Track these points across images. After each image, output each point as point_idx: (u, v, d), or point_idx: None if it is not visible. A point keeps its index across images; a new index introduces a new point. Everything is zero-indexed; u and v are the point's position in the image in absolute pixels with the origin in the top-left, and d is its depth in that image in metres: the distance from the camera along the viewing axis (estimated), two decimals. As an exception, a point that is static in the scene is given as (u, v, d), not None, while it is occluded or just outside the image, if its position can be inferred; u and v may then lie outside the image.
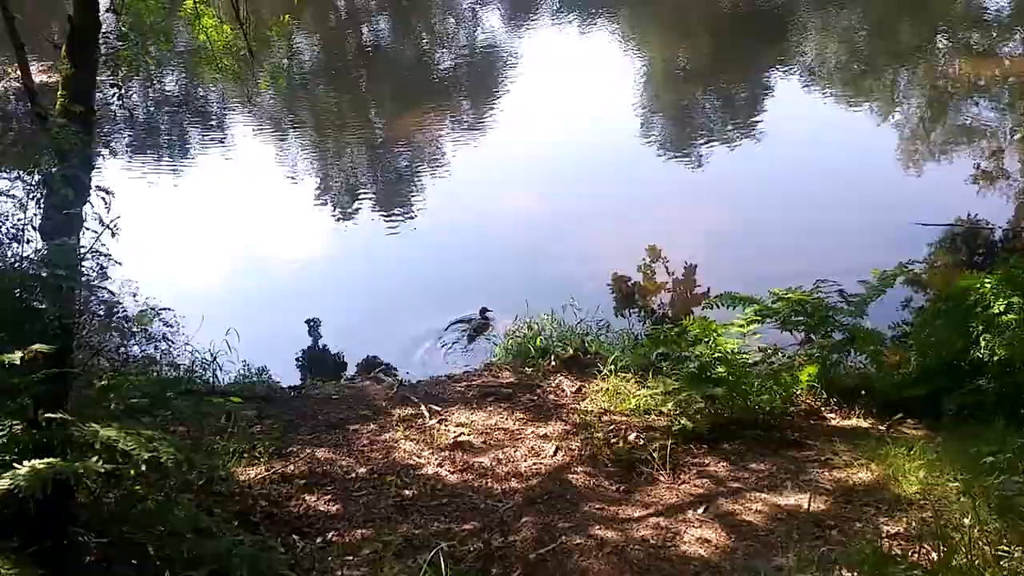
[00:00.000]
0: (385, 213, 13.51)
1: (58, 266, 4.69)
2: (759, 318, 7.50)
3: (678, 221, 12.65)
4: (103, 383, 5.12)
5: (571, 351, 8.52)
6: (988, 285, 6.96)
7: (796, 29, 20.77)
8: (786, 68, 18.12)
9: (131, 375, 6.22)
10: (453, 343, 10.40)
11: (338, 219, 13.56)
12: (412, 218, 13.23)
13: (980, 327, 6.85)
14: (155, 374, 7.60)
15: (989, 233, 12.16)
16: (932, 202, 12.70)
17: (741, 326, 7.37)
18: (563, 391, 7.90)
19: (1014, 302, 6.70)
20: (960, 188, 13.40)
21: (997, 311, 6.73)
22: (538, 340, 8.89)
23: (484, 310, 10.83)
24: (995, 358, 6.67)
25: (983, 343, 6.79)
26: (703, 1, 21.77)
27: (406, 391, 8.07)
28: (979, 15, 20.81)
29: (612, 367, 7.91)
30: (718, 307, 7.84)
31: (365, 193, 14.40)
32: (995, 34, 19.59)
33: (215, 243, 12.33)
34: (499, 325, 10.41)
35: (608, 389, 7.62)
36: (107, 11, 7.16)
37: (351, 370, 9.83)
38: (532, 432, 7.07)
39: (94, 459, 3.96)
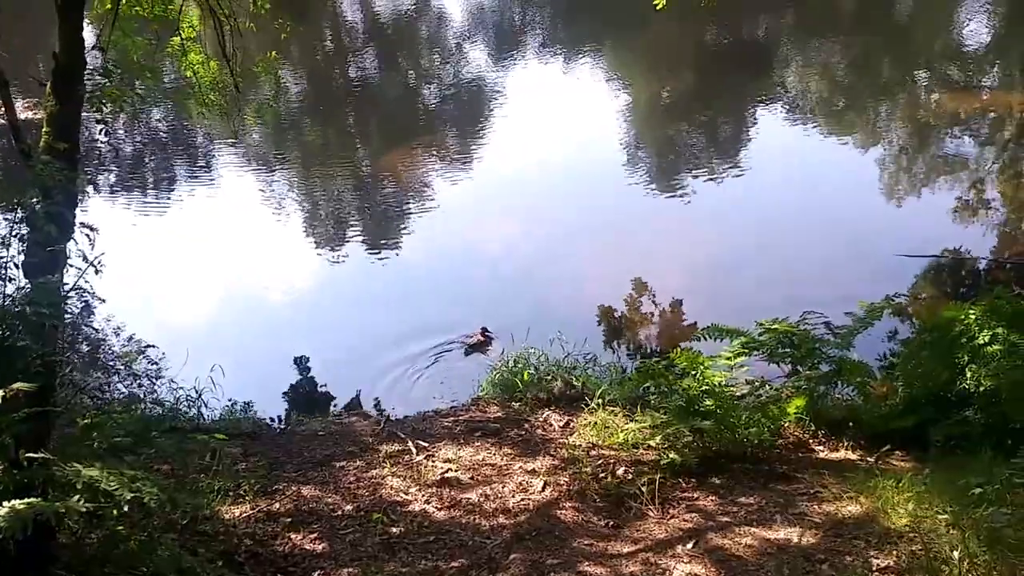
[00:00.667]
0: (372, 246, 13.51)
1: (41, 304, 4.65)
2: (746, 350, 7.50)
3: (664, 253, 12.71)
4: (86, 421, 5.06)
5: (559, 385, 8.49)
6: (973, 316, 6.99)
7: (779, 63, 21.03)
8: (770, 102, 18.31)
9: (114, 413, 6.17)
10: (427, 367, 10.39)
11: (325, 253, 13.56)
12: (398, 252, 13.23)
13: (966, 358, 6.87)
14: (139, 412, 7.53)
15: (973, 264, 12.25)
16: (915, 233, 12.81)
17: (728, 358, 7.37)
18: (551, 425, 7.86)
19: (999, 333, 6.73)
20: (943, 219, 13.53)
21: (982, 342, 6.76)
22: (526, 374, 8.87)
23: (484, 330, 10.92)
24: (981, 389, 6.69)
25: (969, 374, 6.81)
26: (687, 36, 22.00)
27: (393, 427, 8.02)
28: (958, 50, 21.12)
29: (600, 401, 7.89)
30: (705, 339, 7.86)
31: (352, 227, 14.41)
32: (973, 68, 19.87)
33: (201, 279, 12.30)
34: (493, 345, 10.57)
35: (596, 423, 7.59)
36: (93, 48, 7.18)
37: (338, 405, 9.77)
38: (520, 467, 7.03)
39: (76, 499, 3.91)
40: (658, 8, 8.79)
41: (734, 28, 22.47)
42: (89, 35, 8.60)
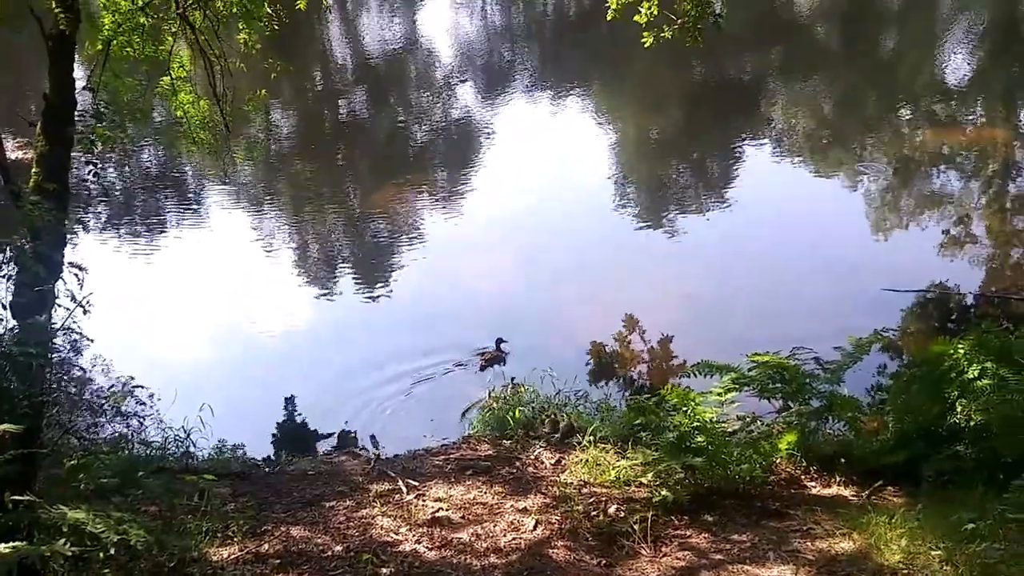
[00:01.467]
0: (362, 284, 13.51)
1: (28, 344, 4.63)
2: (736, 386, 7.49)
3: (653, 289, 12.73)
4: (72, 463, 5.02)
5: (550, 423, 8.47)
6: (961, 351, 7.01)
7: (766, 101, 21.25)
8: (757, 139, 18.48)
9: (101, 454, 6.10)
10: (424, 380, 10.65)
11: (315, 291, 13.54)
12: (388, 290, 13.23)
13: (955, 393, 6.88)
14: (126, 452, 7.47)
15: (960, 298, 12.32)
16: (903, 268, 12.89)
17: (719, 394, 7.37)
18: (542, 463, 7.82)
19: (988, 367, 6.74)
20: (930, 254, 13.63)
21: (972, 376, 6.77)
22: (517, 411, 8.84)
23: (500, 340, 11.08)
24: (972, 423, 6.69)
25: (959, 408, 6.81)
26: (674, 74, 22.23)
27: (383, 465, 7.97)
28: (941, 86, 21.40)
29: (591, 438, 7.86)
30: (695, 375, 7.85)
31: (342, 264, 14.41)
32: (957, 104, 20.13)
33: (191, 318, 12.26)
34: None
35: (588, 460, 7.55)
36: (83, 89, 7.22)
37: (328, 443, 9.71)
38: (511, 506, 6.98)
39: (62, 542, 3.86)
40: (646, 46, 8.86)
41: (721, 66, 22.74)
42: (80, 75, 8.66)
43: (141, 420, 8.45)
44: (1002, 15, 26.49)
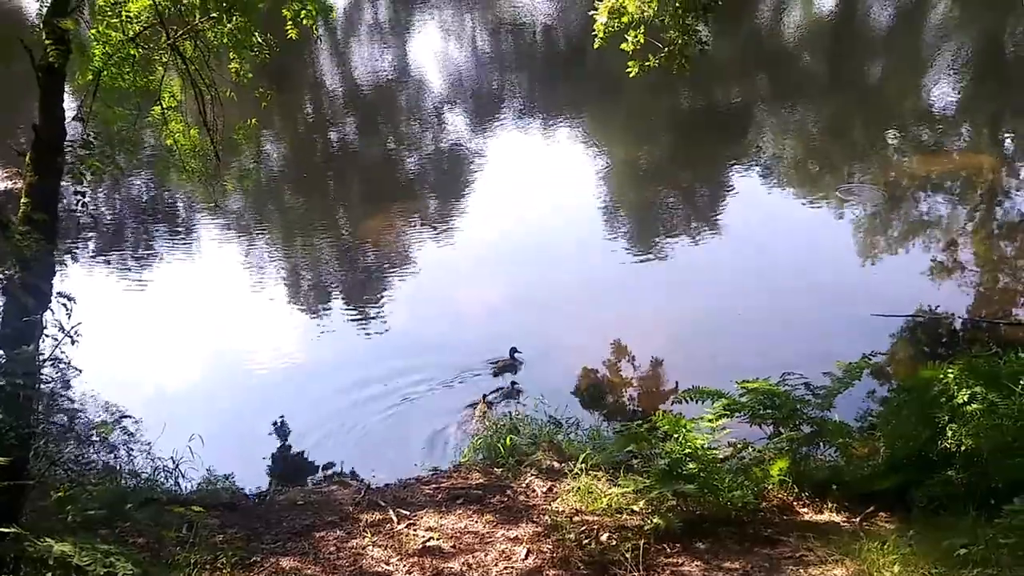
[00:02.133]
0: (353, 312, 13.50)
1: (15, 375, 4.61)
2: (727, 412, 7.50)
3: (644, 315, 12.75)
4: (59, 494, 4.97)
5: (541, 451, 8.44)
6: (951, 375, 7.02)
7: (754, 127, 21.40)
8: (746, 165, 18.59)
9: (89, 485, 6.06)
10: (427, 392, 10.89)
11: (306, 319, 13.51)
12: (380, 318, 13.21)
13: (946, 417, 6.89)
14: (114, 484, 7.41)
15: (949, 323, 12.37)
16: (892, 293, 12.94)
17: (710, 421, 7.36)
18: (534, 491, 7.79)
19: (977, 392, 6.76)
20: (919, 279, 13.69)
21: (961, 401, 6.78)
22: (508, 439, 8.81)
23: (513, 350, 11.29)
24: (962, 448, 6.69)
25: (950, 433, 6.81)
26: (663, 102, 22.40)
27: (374, 495, 7.93)
28: (927, 112, 21.61)
29: (583, 465, 7.83)
30: (686, 402, 7.85)
31: (333, 293, 14.39)
32: (943, 130, 20.31)
33: (181, 347, 12.21)
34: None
35: (579, 488, 7.51)
36: (74, 119, 7.23)
37: (318, 472, 9.67)
38: (503, 535, 6.94)
39: (48, 575, 3.83)
40: (631, 76, 8.94)
41: (709, 94, 22.92)
42: (70, 105, 8.68)
43: (130, 451, 8.40)
44: (986, 42, 26.81)
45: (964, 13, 29.66)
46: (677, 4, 8.67)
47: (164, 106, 10.15)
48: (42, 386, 5.31)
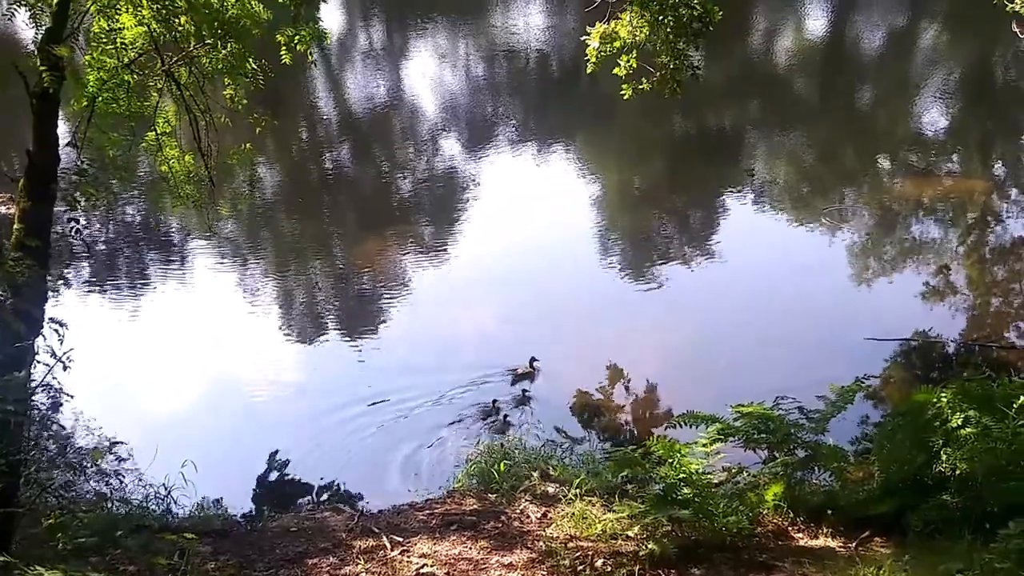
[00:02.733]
0: (347, 337, 13.47)
1: (6, 401, 4.59)
2: (722, 437, 7.49)
3: (638, 339, 12.76)
4: (50, 522, 4.94)
5: (535, 476, 8.41)
6: (945, 399, 7.02)
7: (746, 152, 21.50)
8: (738, 189, 18.67)
9: (80, 513, 6.01)
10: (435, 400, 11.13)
11: (299, 345, 13.48)
12: (374, 342, 13.19)
13: (940, 441, 6.88)
14: (106, 511, 7.35)
15: (942, 347, 12.40)
16: (885, 317, 12.96)
17: (704, 445, 7.35)
18: (528, 517, 7.75)
19: (971, 416, 6.76)
20: (911, 303, 13.73)
21: (955, 425, 6.77)
22: (502, 464, 8.78)
23: (533, 359, 11.62)
24: (957, 472, 6.68)
25: (944, 457, 6.81)
26: (656, 127, 22.49)
27: (367, 521, 7.88)
28: (918, 136, 21.76)
29: (578, 490, 7.81)
30: (681, 426, 7.84)
31: (326, 318, 14.37)
32: (934, 154, 20.43)
33: (174, 373, 12.16)
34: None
35: (574, 514, 7.49)
36: (67, 145, 7.24)
37: (312, 498, 9.62)
38: (497, 561, 6.90)
39: (37, 604, 3.79)
40: (624, 98, 9.01)
41: (702, 119, 23.05)
42: (65, 131, 8.70)
43: (121, 477, 8.35)
44: (974, 68, 27.03)
45: (953, 38, 29.94)
46: (668, 29, 8.76)
47: (159, 132, 10.18)
48: (33, 412, 5.28)
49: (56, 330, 5.09)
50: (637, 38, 8.84)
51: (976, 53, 28.06)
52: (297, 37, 9.72)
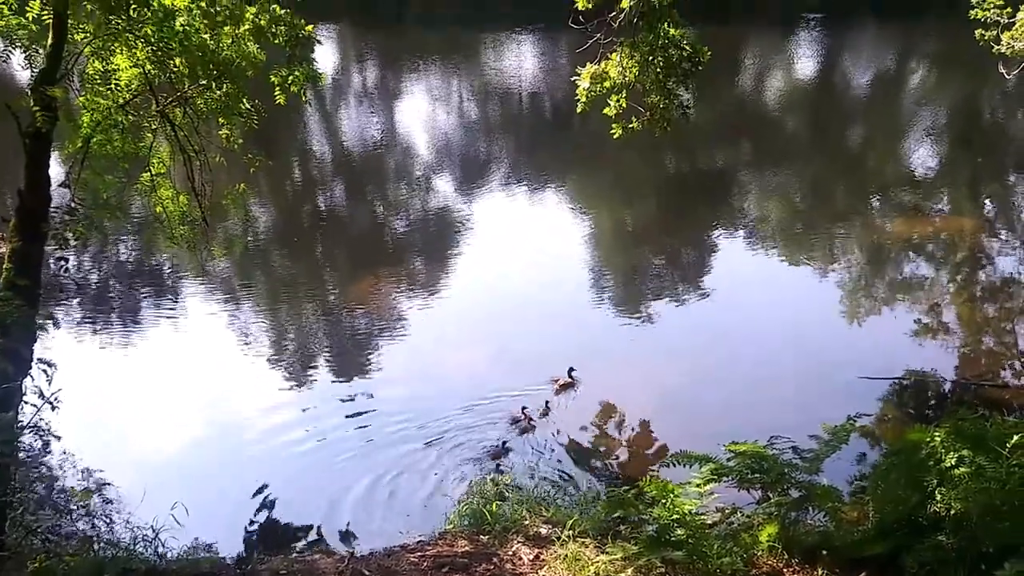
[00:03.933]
0: (339, 377, 13.40)
1: (-7, 443, 4.54)
2: (715, 477, 7.43)
3: (630, 378, 12.73)
4: (35, 566, 4.87)
5: (528, 516, 8.34)
6: (938, 438, 6.99)
7: (738, 192, 21.65)
8: (730, 229, 18.76)
9: (66, 556, 5.93)
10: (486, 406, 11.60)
11: (292, 385, 13.39)
12: (366, 383, 13.11)
13: (934, 481, 6.84)
14: (92, 554, 7.24)
15: (935, 385, 12.40)
16: (878, 355, 12.98)
17: (698, 485, 7.29)
18: (520, 559, 7.66)
19: (965, 455, 6.72)
20: (904, 341, 13.76)
21: (949, 464, 6.74)
22: (494, 505, 8.70)
23: (571, 369, 12.02)
24: (952, 512, 6.64)
25: (939, 497, 6.77)
26: (648, 167, 22.66)
27: (358, 564, 7.77)
28: (908, 176, 21.94)
29: (570, 532, 7.73)
30: (674, 466, 7.78)
31: (318, 358, 14.30)
32: (924, 193, 20.60)
33: (164, 413, 12.07)
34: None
35: (567, 556, 7.40)
36: (60, 185, 7.26)
37: (302, 540, 9.51)
38: (489, 604, 6.81)
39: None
40: (615, 138, 9.08)
41: (694, 159, 23.25)
42: (59, 172, 8.72)
43: (109, 520, 8.25)
44: (962, 108, 27.37)
45: (941, 79, 30.34)
46: (658, 69, 8.86)
47: (153, 172, 10.20)
48: (20, 454, 5.23)
49: (45, 370, 5.06)
50: (627, 78, 8.94)
51: (964, 94, 28.43)
52: (291, 77, 9.78)
